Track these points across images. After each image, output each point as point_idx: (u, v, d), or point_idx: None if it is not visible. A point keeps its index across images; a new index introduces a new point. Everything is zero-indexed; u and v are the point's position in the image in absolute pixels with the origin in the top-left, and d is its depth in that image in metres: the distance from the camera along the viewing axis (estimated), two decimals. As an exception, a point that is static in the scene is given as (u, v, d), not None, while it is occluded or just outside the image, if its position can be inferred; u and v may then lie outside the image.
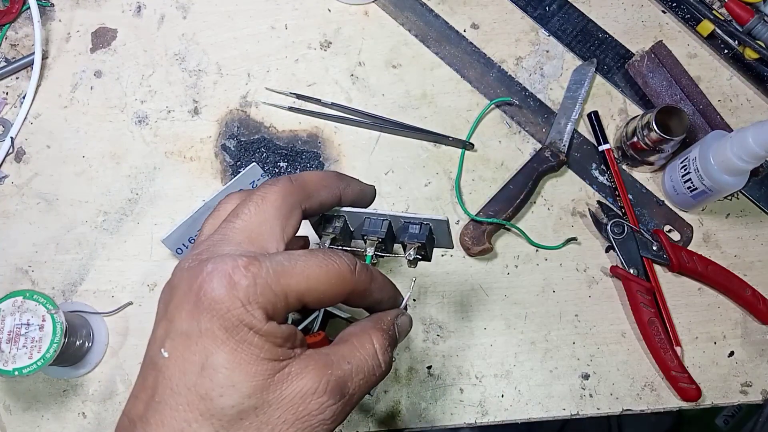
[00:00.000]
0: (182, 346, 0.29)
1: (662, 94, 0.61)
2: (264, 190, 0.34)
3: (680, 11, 0.65)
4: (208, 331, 0.28)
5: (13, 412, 0.56)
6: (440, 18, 0.65)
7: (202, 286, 0.29)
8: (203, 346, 0.28)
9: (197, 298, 0.29)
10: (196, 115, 0.63)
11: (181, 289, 0.30)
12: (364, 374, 0.32)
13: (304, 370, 0.29)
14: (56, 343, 0.50)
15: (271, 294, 0.29)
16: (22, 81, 0.64)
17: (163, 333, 0.30)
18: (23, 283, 0.58)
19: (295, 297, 0.30)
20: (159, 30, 0.65)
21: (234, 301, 0.28)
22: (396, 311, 0.37)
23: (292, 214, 0.34)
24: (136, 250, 0.59)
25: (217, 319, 0.28)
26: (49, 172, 0.61)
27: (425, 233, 0.39)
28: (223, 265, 0.29)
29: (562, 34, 0.65)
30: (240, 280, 0.29)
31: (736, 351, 0.57)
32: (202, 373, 0.28)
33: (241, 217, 0.33)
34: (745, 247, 0.60)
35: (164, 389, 0.28)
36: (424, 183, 0.61)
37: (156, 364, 0.29)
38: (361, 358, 0.32)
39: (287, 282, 0.30)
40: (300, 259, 0.31)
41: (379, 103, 0.63)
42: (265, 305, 0.29)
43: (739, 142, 0.51)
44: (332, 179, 0.38)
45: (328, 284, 0.32)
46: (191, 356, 0.28)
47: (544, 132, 0.62)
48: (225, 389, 0.28)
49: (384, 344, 0.33)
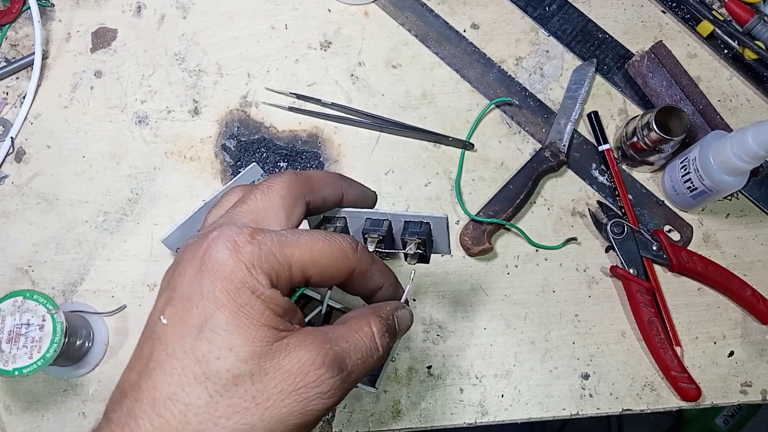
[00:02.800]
0: (182, 310, 0.29)
1: (662, 94, 0.61)
2: (270, 181, 0.35)
3: (680, 11, 0.65)
4: (209, 293, 0.28)
5: (13, 412, 0.56)
6: (440, 18, 0.65)
7: (207, 251, 0.29)
8: (204, 308, 0.28)
9: (201, 262, 0.29)
10: (197, 115, 0.63)
11: (185, 258, 0.30)
12: (361, 354, 0.32)
13: (303, 342, 0.29)
14: (56, 343, 0.50)
15: (275, 261, 0.30)
16: (22, 81, 0.64)
17: (163, 302, 0.30)
18: (23, 283, 0.58)
19: (299, 268, 0.31)
20: (159, 30, 0.65)
21: (238, 264, 0.29)
22: (396, 303, 0.37)
23: (296, 204, 0.35)
24: (136, 250, 0.59)
25: (219, 281, 0.28)
26: (49, 172, 0.61)
27: (425, 231, 0.39)
28: (228, 231, 0.30)
29: (562, 34, 0.65)
30: (245, 245, 0.29)
31: (735, 351, 0.57)
32: (200, 336, 0.28)
33: (247, 203, 0.34)
34: (745, 247, 0.60)
35: (159, 354, 0.28)
36: (424, 183, 0.61)
37: (154, 332, 0.29)
38: (358, 339, 0.32)
39: (291, 252, 0.30)
40: (304, 234, 0.32)
41: (379, 103, 0.63)
42: (269, 271, 0.29)
43: (739, 142, 0.51)
44: (336, 178, 0.39)
45: (331, 257, 0.32)
46: (190, 319, 0.28)
47: (544, 132, 0.62)
48: (222, 351, 0.27)
49: (381, 329, 0.33)
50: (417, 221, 0.40)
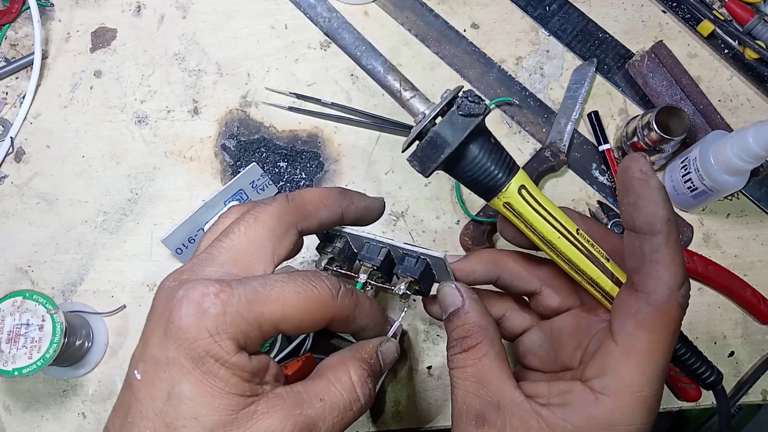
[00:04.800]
0: (152, 371, 0.29)
1: (662, 94, 0.61)
2: (258, 210, 0.33)
3: (680, 11, 0.65)
4: (174, 359, 0.28)
5: (12, 412, 0.56)
6: (440, 18, 0.65)
7: (172, 313, 0.28)
8: (170, 374, 0.28)
9: (167, 324, 0.29)
10: (196, 115, 0.63)
11: (156, 311, 0.30)
12: (338, 411, 0.31)
13: (271, 409, 0.29)
14: (56, 343, 0.49)
15: (243, 323, 0.29)
16: (21, 81, 0.64)
17: (139, 354, 0.30)
18: (23, 283, 0.58)
19: (270, 325, 0.30)
20: (159, 30, 0.65)
21: (201, 331, 0.28)
22: (379, 339, 0.35)
23: (285, 235, 0.33)
24: (135, 250, 0.59)
25: (183, 349, 0.28)
26: (48, 172, 0.61)
27: (420, 269, 0.37)
28: (193, 291, 0.29)
29: (562, 33, 0.65)
30: (209, 308, 0.28)
31: (736, 351, 0.57)
32: (168, 402, 0.28)
33: (230, 237, 0.32)
34: (746, 247, 0.60)
35: (135, 411, 0.28)
36: (424, 183, 0.61)
37: (131, 385, 0.29)
38: (336, 393, 0.31)
39: (260, 310, 0.29)
40: (277, 285, 0.30)
41: (379, 103, 0.63)
42: (235, 335, 0.28)
43: (740, 142, 0.51)
44: (334, 197, 0.37)
45: (306, 311, 0.30)
46: (159, 383, 0.28)
47: (544, 132, 0.62)
48: (188, 421, 0.27)
49: (362, 376, 0.32)
50: (414, 256, 0.37)
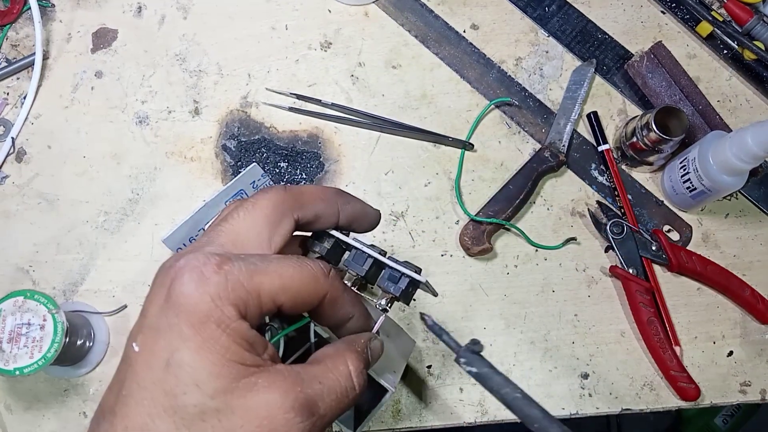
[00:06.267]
0: (151, 340, 0.29)
1: (661, 95, 0.61)
2: (255, 197, 0.34)
3: (679, 12, 0.65)
4: (174, 326, 0.28)
5: (14, 412, 0.56)
6: (440, 19, 0.65)
7: (173, 281, 0.29)
8: (169, 341, 0.28)
9: (168, 293, 0.29)
10: (197, 116, 0.63)
11: (156, 284, 0.30)
12: (336, 395, 0.31)
13: (272, 383, 0.29)
14: (57, 343, 0.50)
15: (243, 291, 0.29)
16: (22, 81, 0.64)
17: (137, 327, 0.30)
18: (24, 283, 0.58)
19: (269, 296, 0.30)
20: (159, 30, 0.65)
21: (203, 296, 0.28)
22: (369, 334, 0.36)
23: (282, 222, 0.34)
24: (136, 250, 0.59)
25: (184, 315, 0.28)
26: (49, 172, 0.61)
27: (401, 287, 0.38)
28: (194, 261, 0.29)
29: (562, 34, 0.65)
30: (211, 276, 0.28)
31: (735, 350, 0.58)
32: (167, 369, 0.28)
33: (228, 221, 0.33)
34: (744, 247, 0.60)
35: (131, 383, 0.28)
36: (424, 183, 0.61)
37: (128, 358, 0.29)
38: (334, 379, 0.31)
39: (260, 280, 0.30)
40: (273, 260, 0.31)
41: (379, 104, 0.63)
42: (236, 302, 0.29)
43: (738, 143, 0.51)
44: (331, 194, 0.37)
45: (302, 283, 0.31)
46: (158, 351, 0.28)
47: (543, 132, 0.62)
48: (188, 387, 0.27)
49: (359, 366, 0.33)
50: (398, 274, 0.38)
